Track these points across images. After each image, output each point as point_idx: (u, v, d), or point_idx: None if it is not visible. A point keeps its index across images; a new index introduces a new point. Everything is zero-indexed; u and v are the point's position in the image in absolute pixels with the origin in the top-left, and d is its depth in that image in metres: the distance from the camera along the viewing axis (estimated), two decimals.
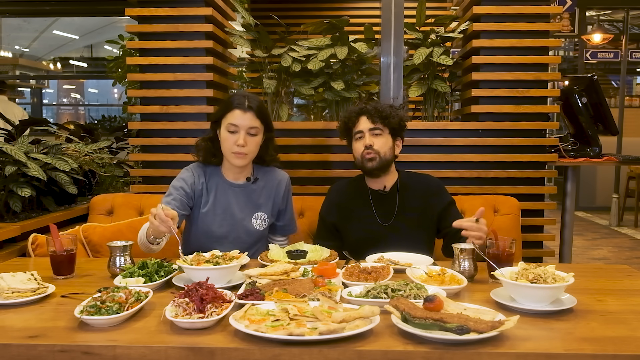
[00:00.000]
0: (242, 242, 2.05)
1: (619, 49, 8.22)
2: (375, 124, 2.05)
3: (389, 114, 2.05)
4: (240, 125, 1.95)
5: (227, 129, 1.96)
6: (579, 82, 2.91)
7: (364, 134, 2.06)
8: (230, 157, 1.99)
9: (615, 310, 1.39)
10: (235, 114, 1.96)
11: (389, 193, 2.12)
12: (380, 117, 2.05)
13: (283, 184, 2.14)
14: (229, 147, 1.97)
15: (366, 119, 2.07)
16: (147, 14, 2.71)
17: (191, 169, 2.09)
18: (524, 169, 2.73)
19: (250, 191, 2.09)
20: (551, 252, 2.83)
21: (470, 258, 1.66)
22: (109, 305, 1.28)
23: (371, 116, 2.05)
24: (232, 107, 1.97)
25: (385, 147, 2.06)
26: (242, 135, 1.94)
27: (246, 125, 1.96)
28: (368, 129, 2.06)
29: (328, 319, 1.19)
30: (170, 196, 2.00)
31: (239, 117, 1.95)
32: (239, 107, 1.96)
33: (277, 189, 2.13)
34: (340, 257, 1.88)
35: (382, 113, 2.05)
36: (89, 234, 2.22)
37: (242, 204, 2.08)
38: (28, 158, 2.29)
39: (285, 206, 2.16)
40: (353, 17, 3.84)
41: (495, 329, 1.15)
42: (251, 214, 2.08)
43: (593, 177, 8.38)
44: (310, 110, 3.46)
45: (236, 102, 1.97)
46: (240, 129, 1.95)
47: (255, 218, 2.08)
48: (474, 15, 2.72)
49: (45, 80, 12.70)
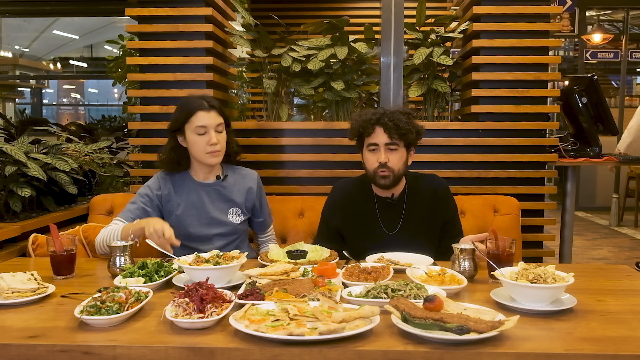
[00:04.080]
0: (222, 237, 2.09)
1: (619, 49, 8.22)
2: (392, 139, 1.95)
3: (408, 129, 1.95)
4: (208, 125, 2.00)
5: (195, 132, 2.00)
6: (579, 82, 2.91)
7: (379, 148, 1.97)
8: (204, 157, 2.02)
9: (615, 310, 1.39)
10: (200, 116, 2.00)
11: (396, 202, 2.07)
12: (398, 132, 1.94)
13: (254, 181, 2.19)
14: (201, 149, 2.01)
15: (383, 132, 1.95)
16: (147, 14, 2.71)
17: (157, 176, 2.14)
18: (524, 169, 2.73)
19: (222, 188, 2.13)
20: (551, 252, 2.83)
21: (470, 258, 1.66)
22: (109, 305, 1.28)
23: (388, 130, 1.94)
24: (194, 110, 2.00)
25: (399, 163, 1.98)
26: (213, 135, 2.00)
27: (213, 123, 2.01)
28: (384, 144, 1.96)
29: (328, 319, 1.19)
30: (134, 205, 2.05)
31: (205, 118, 2.00)
32: (201, 108, 2.00)
33: (249, 188, 2.17)
34: (340, 257, 1.88)
35: (401, 129, 1.93)
36: (89, 234, 2.21)
37: (216, 201, 2.11)
38: (28, 158, 2.29)
39: (260, 202, 2.21)
40: (353, 17, 3.83)
41: (495, 329, 1.15)
42: (226, 210, 2.12)
43: (593, 177, 8.39)
44: (310, 110, 3.46)
45: (196, 105, 2.01)
46: (209, 129, 2.00)
47: (231, 213, 2.12)
48: (474, 15, 2.72)
49: (45, 80, 12.70)
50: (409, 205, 2.07)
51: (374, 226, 2.06)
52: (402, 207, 2.07)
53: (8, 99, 10.53)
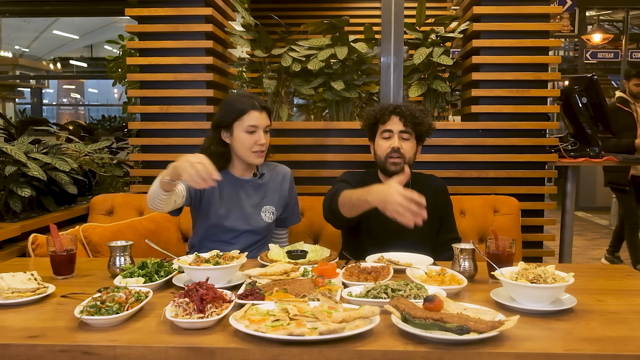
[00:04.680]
0: (253, 234, 2.11)
1: (619, 49, 8.23)
2: (407, 127, 2.00)
3: (422, 121, 2.01)
4: (259, 125, 2.02)
5: (245, 130, 2.01)
6: (579, 82, 2.91)
7: (393, 135, 2.01)
8: (250, 156, 2.04)
9: (615, 310, 1.39)
10: (253, 116, 2.01)
11: None
12: (413, 121, 2.00)
13: (287, 177, 2.22)
14: (248, 147, 2.02)
15: (398, 120, 2.01)
16: (147, 14, 2.71)
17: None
18: (524, 169, 2.73)
19: (258, 186, 2.15)
20: (551, 252, 2.83)
21: (470, 258, 1.66)
22: (109, 305, 1.28)
23: (404, 118, 2.00)
24: (247, 109, 2.01)
25: (411, 152, 2.03)
26: (262, 135, 2.02)
27: (264, 124, 2.04)
28: (398, 131, 2.01)
29: (328, 319, 1.19)
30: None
31: (257, 118, 2.02)
32: (254, 108, 2.02)
33: (282, 183, 2.19)
34: (340, 257, 1.88)
35: (416, 118, 2.00)
36: (89, 234, 2.22)
37: (251, 198, 2.13)
38: (28, 158, 2.29)
39: (290, 198, 2.22)
40: (353, 17, 3.83)
41: (495, 329, 1.15)
42: (260, 207, 2.13)
43: (593, 177, 8.38)
44: (310, 110, 3.47)
45: (250, 104, 2.02)
46: (259, 129, 2.02)
47: (264, 211, 2.14)
48: (474, 15, 2.72)
49: (45, 80, 12.72)
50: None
51: (380, 217, 2.04)
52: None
53: (8, 99, 10.54)
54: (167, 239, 2.40)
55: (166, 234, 2.42)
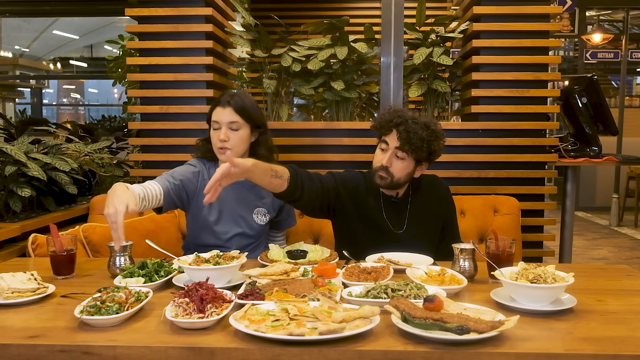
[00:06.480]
0: (245, 237, 2.08)
1: (619, 49, 8.23)
2: (403, 149, 1.90)
3: (419, 146, 1.88)
4: (221, 121, 2.01)
5: (212, 127, 2.04)
6: (579, 82, 2.91)
7: (388, 149, 1.93)
8: (217, 153, 2.04)
9: (615, 310, 1.39)
10: (217, 111, 2.03)
11: (400, 201, 2.06)
12: (409, 145, 1.88)
13: None
14: (214, 143, 2.03)
15: (396, 137, 1.91)
16: (147, 14, 2.71)
17: (196, 162, 2.11)
18: (524, 169, 2.73)
19: (250, 187, 2.09)
20: (551, 252, 2.83)
21: (470, 258, 1.66)
22: (109, 305, 1.28)
23: (401, 138, 1.89)
24: (214, 105, 2.05)
25: (402, 172, 1.94)
26: (223, 131, 2.00)
27: (226, 120, 2.01)
28: (394, 147, 1.91)
29: (328, 319, 1.19)
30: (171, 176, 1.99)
31: (219, 113, 2.02)
32: (220, 104, 2.03)
33: None
34: (340, 257, 1.88)
35: (412, 144, 1.87)
36: (89, 234, 2.22)
37: (242, 199, 2.10)
38: (28, 158, 2.29)
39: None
40: (353, 17, 3.84)
41: (495, 329, 1.15)
42: (252, 209, 2.11)
43: (593, 177, 8.39)
44: (310, 110, 3.47)
45: (218, 100, 2.05)
46: (222, 125, 2.01)
47: (256, 213, 2.12)
48: (474, 15, 2.72)
49: (45, 80, 12.70)
50: (413, 205, 2.06)
51: (380, 223, 2.03)
52: (406, 206, 2.07)
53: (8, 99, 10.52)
54: (167, 239, 2.40)
55: (166, 234, 2.42)
